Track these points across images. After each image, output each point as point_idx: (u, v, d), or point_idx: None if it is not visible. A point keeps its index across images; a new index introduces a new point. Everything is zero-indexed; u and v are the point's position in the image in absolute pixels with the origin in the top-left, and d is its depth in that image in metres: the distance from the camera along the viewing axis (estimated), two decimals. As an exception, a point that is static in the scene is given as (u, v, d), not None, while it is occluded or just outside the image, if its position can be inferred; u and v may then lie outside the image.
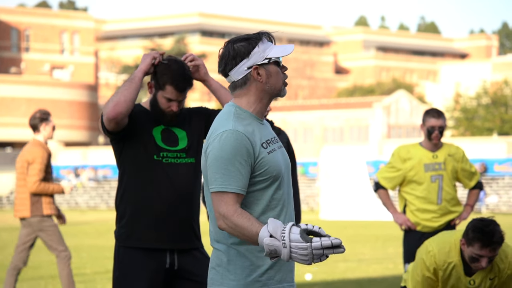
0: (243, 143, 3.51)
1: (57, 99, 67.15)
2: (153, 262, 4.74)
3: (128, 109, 4.72)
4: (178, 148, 4.81)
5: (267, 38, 3.63)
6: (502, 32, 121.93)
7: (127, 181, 4.81)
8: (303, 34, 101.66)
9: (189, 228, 4.81)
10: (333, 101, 68.96)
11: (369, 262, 15.21)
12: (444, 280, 5.36)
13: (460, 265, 5.34)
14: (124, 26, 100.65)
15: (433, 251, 5.37)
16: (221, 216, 3.49)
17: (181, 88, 4.85)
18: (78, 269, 14.10)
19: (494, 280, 5.37)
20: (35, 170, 8.47)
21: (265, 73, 3.60)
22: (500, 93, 64.13)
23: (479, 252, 5.19)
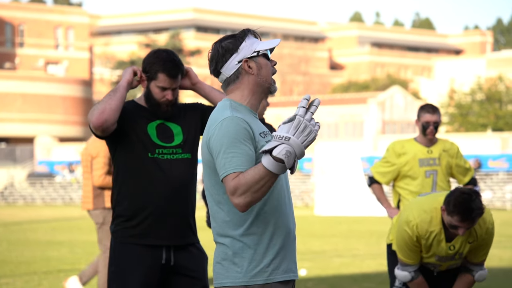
0: (243, 125, 3.56)
1: (52, 95, 67.03)
2: (149, 257, 4.73)
3: (113, 117, 4.70)
4: (174, 144, 4.79)
5: (252, 34, 3.72)
6: (497, 28, 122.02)
7: (122, 179, 4.79)
8: (298, 30, 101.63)
9: (186, 224, 4.80)
10: (328, 97, 68.97)
11: (363, 258, 15.23)
12: (426, 247, 5.57)
13: (441, 233, 5.56)
14: (118, 21, 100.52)
15: (415, 221, 5.55)
16: (234, 191, 3.47)
17: (173, 74, 4.82)
18: (72, 265, 14.09)
19: (473, 243, 5.59)
20: (99, 164, 8.55)
21: (255, 66, 3.67)
22: (494, 89, 64.19)
23: (458, 224, 5.39)
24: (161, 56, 4.84)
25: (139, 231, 4.74)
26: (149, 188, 4.73)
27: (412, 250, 5.64)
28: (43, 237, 21.26)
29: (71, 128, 67.96)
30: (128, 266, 4.73)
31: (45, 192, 52.48)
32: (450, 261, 5.65)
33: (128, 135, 4.77)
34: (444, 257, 5.65)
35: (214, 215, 3.65)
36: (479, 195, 5.39)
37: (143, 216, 4.74)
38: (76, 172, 54.35)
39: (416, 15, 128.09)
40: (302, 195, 46.46)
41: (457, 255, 5.64)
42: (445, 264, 5.70)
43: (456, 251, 5.61)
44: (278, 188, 3.63)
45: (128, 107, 4.84)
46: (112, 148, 4.82)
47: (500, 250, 16.59)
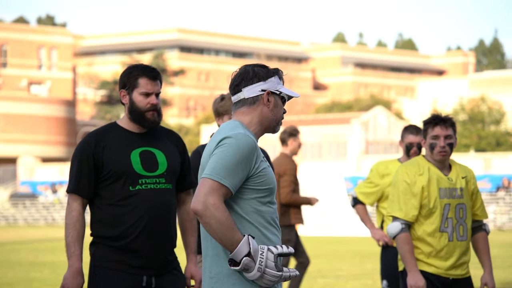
0: (254, 147, 3.71)
1: (35, 115, 66.86)
2: (129, 281, 4.71)
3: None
4: (158, 173, 4.75)
5: (280, 76, 3.88)
6: (479, 49, 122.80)
7: (104, 206, 4.74)
8: (281, 50, 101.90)
9: (167, 252, 4.79)
10: (311, 117, 69.11)
11: (347, 278, 15.21)
12: (426, 181, 5.61)
13: (434, 167, 5.66)
14: (102, 41, 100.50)
15: (404, 170, 5.65)
16: (205, 203, 3.61)
17: (154, 76, 4.77)
18: (55, 286, 14.00)
19: (466, 179, 5.68)
20: (287, 182, 9.11)
21: (273, 101, 3.83)
22: (477, 109, 64.51)
23: (434, 133, 5.64)
24: (137, 65, 4.83)
25: (120, 257, 4.71)
26: (131, 217, 4.69)
27: (407, 195, 5.59)
28: (26, 258, 21.13)
29: (54, 148, 67.75)
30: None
31: (28, 213, 52.21)
32: (458, 199, 5.61)
33: (111, 168, 4.71)
34: (449, 189, 5.62)
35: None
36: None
37: (125, 242, 4.71)
38: (59, 193, 54.12)
39: (399, 35, 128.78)
40: (285, 215, 46.41)
41: (459, 191, 5.63)
42: (454, 202, 5.60)
43: (455, 184, 5.63)
44: (272, 211, 3.81)
45: (109, 135, 4.77)
46: (97, 179, 4.78)
47: (483, 271, 16.59)
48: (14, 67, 75.06)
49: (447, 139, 5.66)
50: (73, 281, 4.68)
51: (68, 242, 4.70)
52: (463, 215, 5.64)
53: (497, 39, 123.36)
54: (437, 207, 5.58)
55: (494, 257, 20.85)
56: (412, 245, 5.59)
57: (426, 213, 5.61)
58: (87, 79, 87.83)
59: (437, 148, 5.65)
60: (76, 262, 4.68)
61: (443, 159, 5.66)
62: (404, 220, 5.61)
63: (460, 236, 5.64)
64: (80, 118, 78.81)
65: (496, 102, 66.89)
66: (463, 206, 5.65)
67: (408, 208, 5.60)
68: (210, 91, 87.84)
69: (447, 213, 5.60)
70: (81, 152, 4.75)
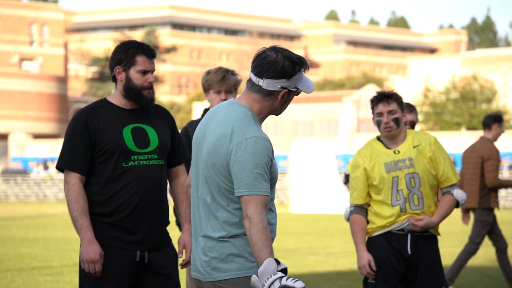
0: (270, 149, 3.77)
1: (26, 91, 66.67)
2: (123, 257, 4.74)
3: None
4: (149, 150, 4.77)
5: (306, 68, 3.85)
6: (471, 27, 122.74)
7: (97, 183, 4.76)
8: (273, 27, 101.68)
9: (160, 227, 4.83)
10: (303, 95, 69.11)
11: (338, 256, 15.27)
12: (370, 161, 5.76)
13: (379, 143, 5.79)
14: (94, 18, 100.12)
15: (356, 153, 5.87)
16: (248, 218, 3.70)
17: (151, 54, 4.78)
18: (46, 262, 14.02)
19: (418, 147, 5.74)
20: (493, 167, 9.51)
21: (286, 97, 3.84)
22: (468, 88, 64.55)
23: (378, 110, 5.75)
24: (133, 42, 4.82)
25: (114, 233, 4.73)
26: (125, 194, 4.72)
27: (354, 179, 5.81)
28: (17, 234, 21.14)
29: (46, 124, 67.62)
30: (103, 266, 4.72)
31: (19, 189, 52.19)
32: (405, 169, 5.68)
33: (103, 145, 4.72)
34: (394, 162, 5.70)
35: (216, 214, 3.80)
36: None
37: (119, 218, 4.73)
38: (50, 169, 54.08)
39: (391, 13, 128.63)
40: (277, 192, 46.51)
41: (408, 161, 5.69)
42: (402, 174, 5.69)
43: (403, 155, 5.69)
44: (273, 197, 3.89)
45: (101, 112, 4.77)
46: (91, 156, 4.78)
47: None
48: (6, 43, 74.74)
49: (391, 114, 5.73)
50: (89, 251, 4.67)
51: (75, 216, 4.69)
52: (416, 184, 5.70)
53: (490, 18, 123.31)
54: (385, 183, 5.70)
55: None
56: (359, 226, 5.78)
57: (376, 191, 5.74)
58: (78, 56, 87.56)
59: (382, 124, 5.75)
60: (87, 233, 4.68)
61: (389, 135, 5.75)
62: (352, 204, 5.83)
63: (415, 205, 5.71)
64: (72, 95, 78.62)
65: (488, 80, 66.96)
66: (414, 175, 5.70)
67: (355, 192, 5.81)
68: (202, 68, 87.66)
69: (396, 186, 5.70)
70: (75, 129, 4.74)
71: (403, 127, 5.81)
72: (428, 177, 5.71)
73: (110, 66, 4.83)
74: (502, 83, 69.23)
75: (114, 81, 4.83)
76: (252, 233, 3.65)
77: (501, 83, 69.03)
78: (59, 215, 31.66)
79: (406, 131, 5.82)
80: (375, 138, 5.87)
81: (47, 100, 67.72)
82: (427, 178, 5.71)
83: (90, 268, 4.67)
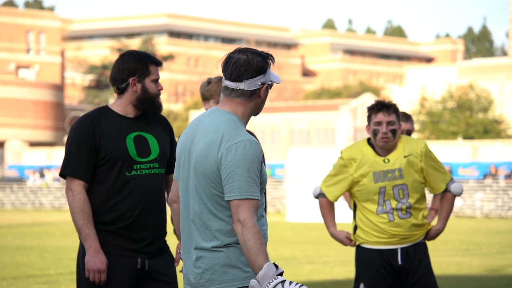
0: (260, 153, 3.73)
1: (23, 99, 66.62)
2: (124, 264, 4.74)
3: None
4: (151, 158, 4.78)
5: (273, 61, 3.83)
6: (468, 36, 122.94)
7: (100, 191, 4.75)
8: (270, 36, 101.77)
9: (161, 235, 4.85)
10: (300, 104, 69.10)
11: (334, 264, 15.25)
12: (360, 164, 5.70)
13: (369, 149, 5.72)
14: (90, 26, 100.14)
15: (342, 151, 5.81)
16: (240, 223, 3.64)
17: (159, 63, 4.87)
18: (41, 270, 13.99)
19: (409, 157, 5.68)
20: None
21: (265, 94, 3.81)
22: (465, 97, 64.60)
23: (376, 119, 5.67)
24: (140, 52, 4.86)
25: (116, 241, 4.74)
26: (128, 203, 4.72)
27: (336, 175, 5.78)
28: (13, 242, 21.09)
29: (42, 132, 67.55)
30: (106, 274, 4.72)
31: (15, 197, 52.10)
32: (394, 180, 5.64)
33: (107, 153, 4.72)
34: (383, 172, 5.66)
35: (208, 223, 3.75)
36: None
37: (121, 227, 4.74)
38: (46, 177, 53.99)
39: (388, 22, 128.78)
40: (273, 201, 46.46)
41: (397, 172, 5.65)
42: (390, 185, 5.65)
43: (393, 165, 5.65)
44: (263, 201, 3.83)
45: (105, 119, 4.76)
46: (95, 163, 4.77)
47: (469, 258, 16.68)
48: (2, 50, 74.73)
49: (390, 125, 5.68)
50: (96, 260, 4.66)
51: (80, 225, 4.68)
52: (404, 196, 5.68)
53: (486, 27, 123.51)
54: (371, 192, 5.67)
55: (481, 244, 20.93)
56: (328, 209, 5.91)
57: (363, 199, 5.72)
58: (75, 64, 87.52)
59: (379, 134, 5.69)
60: (93, 242, 4.67)
61: (385, 145, 5.71)
62: (323, 193, 5.88)
63: (403, 214, 5.69)
64: (68, 103, 78.57)
65: (484, 89, 67.04)
66: (403, 186, 5.68)
67: (333, 189, 5.83)
68: (199, 76, 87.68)
69: (383, 196, 5.67)
70: (80, 135, 4.72)
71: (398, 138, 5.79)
72: (417, 188, 5.69)
73: (119, 77, 4.77)
74: (499, 93, 69.32)
75: (120, 91, 4.79)
76: (246, 238, 3.60)
77: (497, 93, 69.12)
78: (55, 223, 31.60)
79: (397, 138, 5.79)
80: (365, 141, 5.80)
81: (44, 108, 67.67)
82: (416, 188, 5.69)
83: (95, 278, 4.66)
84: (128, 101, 4.79)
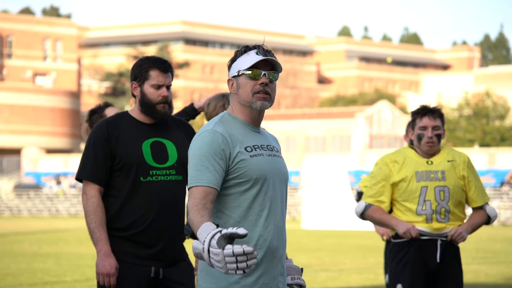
0: (219, 141, 3.65)
1: (39, 106, 66.90)
2: (137, 272, 4.73)
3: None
4: (168, 165, 4.75)
5: (254, 50, 3.73)
6: (484, 44, 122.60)
7: (115, 198, 4.76)
8: (286, 43, 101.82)
9: (176, 243, 4.80)
10: (315, 111, 69.07)
11: (350, 272, 15.22)
12: (401, 165, 5.71)
13: (412, 152, 5.75)
14: (107, 33, 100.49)
15: (384, 157, 5.80)
16: (199, 201, 3.60)
17: (165, 68, 4.78)
18: (58, 277, 14.03)
19: (453, 162, 5.70)
20: None
21: (235, 85, 3.75)
22: (481, 104, 64.43)
23: (422, 124, 5.69)
24: (149, 57, 4.84)
25: (129, 248, 4.72)
26: (142, 209, 4.70)
27: (380, 181, 5.73)
28: (29, 249, 21.17)
29: (58, 139, 67.80)
30: (118, 281, 4.72)
31: (32, 204, 52.29)
32: (436, 181, 5.65)
33: (122, 158, 4.72)
34: (426, 172, 5.66)
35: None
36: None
37: (134, 233, 4.72)
38: (63, 184, 54.16)
39: (404, 30, 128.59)
40: (289, 208, 46.43)
41: (440, 174, 5.66)
42: (432, 185, 5.66)
43: (436, 167, 5.66)
44: (260, 203, 3.68)
45: (121, 124, 4.78)
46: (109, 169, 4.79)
47: (486, 266, 16.62)
48: (19, 58, 75.09)
49: (435, 130, 5.70)
50: (106, 264, 4.66)
51: (92, 228, 4.70)
52: (445, 198, 5.67)
53: (503, 34, 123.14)
54: (412, 191, 5.66)
55: (497, 252, 20.85)
56: (382, 211, 5.75)
57: (403, 198, 5.69)
58: (91, 71, 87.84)
59: (424, 138, 5.70)
60: (104, 246, 4.67)
61: (430, 150, 5.71)
62: (370, 204, 5.80)
63: (441, 218, 5.68)
64: (85, 110, 78.79)
65: (501, 97, 66.85)
66: (444, 188, 5.67)
67: (377, 193, 5.75)
68: (214, 84, 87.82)
69: (424, 196, 5.66)
70: (96, 140, 4.74)
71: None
72: (458, 193, 5.69)
73: (130, 82, 4.87)
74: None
75: (134, 96, 4.85)
76: (188, 218, 3.59)
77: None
78: (71, 230, 31.69)
79: (440, 145, 5.81)
80: (407, 147, 5.84)
81: (60, 115, 67.92)
82: (457, 193, 5.69)
83: (105, 281, 4.66)
84: (138, 107, 4.83)
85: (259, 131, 3.79)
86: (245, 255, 3.30)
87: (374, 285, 12.82)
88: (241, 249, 3.30)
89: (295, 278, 3.82)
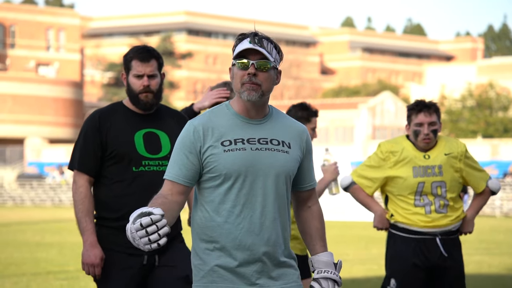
0: (189, 134, 3.57)
1: (42, 96, 66.91)
2: (130, 261, 4.74)
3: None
4: (161, 155, 4.76)
5: (248, 38, 3.63)
6: (488, 35, 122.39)
7: (106, 186, 4.76)
8: (289, 34, 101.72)
9: (169, 233, 4.79)
10: (318, 102, 69.06)
11: (353, 263, 15.23)
12: (399, 158, 5.70)
13: (410, 145, 5.72)
14: (110, 23, 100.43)
15: (381, 144, 5.80)
16: (165, 194, 3.57)
17: (144, 57, 4.76)
18: (61, 266, 14.06)
19: (450, 156, 5.69)
20: None
21: (232, 74, 3.63)
22: (485, 95, 64.35)
23: (417, 120, 5.65)
24: (134, 47, 4.84)
25: (120, 239, 4.70)
26: (133, 199, 4.69)
27: (372, 166, 5.76)
28: (32, 238, 21.20)
29: (62, 129, 67.83)
30: (110, 271, 4.74)
31: (35, 194, 52.37)
32: (433, 177, 5.64)
33: (114, 149, 4.73)
34: (423, 167, 5.66)
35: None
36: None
37: (125, 224, 4.71)
38: (66, 174, 54.21)
39: (408, 21, 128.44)
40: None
41: (437, 169, 5.66)
42: (429, 180, 5.66)
43: (433, 162, 5.66)
44: (233, 199, 3.55)
45: (114, 115, 4.79)
46: (102, 158, 4.79)
47: (489, 257, 16.62)
48: (22, 48, 75.08)
49: (431, 126, 5.67)
50: (91, 254, 4.69)
51: (79, 218, 4.72)
52: (442, 192, 5.68)
53: (506, 25, 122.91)
54: (409, 186, 5.66)
55: (500, 243, 20.85)
56: (364, 194, 5.82)
57: (399, 193, 5.70)
58: (94, 61, 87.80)
59: (421, 135, 5.68)
60: (90, 236, 4.70)
61: (427, 146, 5.72)
62: (355, 182, 5.86)
63: (440, 209, 5.69)
64: (88, 100, 78.86)
65: (504, 88, 66.76)
66: (441, 183, 5.68)
67: (367, 179, 5.79)
68: (217, 74, 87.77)
69: (421, 191, 5.67)
70: (88, 130, 4.76)
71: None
72: (454, 187, 5.71)
73: None
74: (519, 91, 68.97)
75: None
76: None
77: (517, 91, 68.77)
78: (74, 220, 31.68)
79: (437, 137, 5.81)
80: (404, 136, 5.81)
81: (63, 105, 67.93)
82: (454, 187, 5.71)
83: (90, 271, 4.68)
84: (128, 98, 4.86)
85: (258, 123, 3.61)
86: (154, 224, 3.25)
87: (377, 276, 12.82)
88: (148, 219, 3.24)
89: (321, 272, 3.75)
